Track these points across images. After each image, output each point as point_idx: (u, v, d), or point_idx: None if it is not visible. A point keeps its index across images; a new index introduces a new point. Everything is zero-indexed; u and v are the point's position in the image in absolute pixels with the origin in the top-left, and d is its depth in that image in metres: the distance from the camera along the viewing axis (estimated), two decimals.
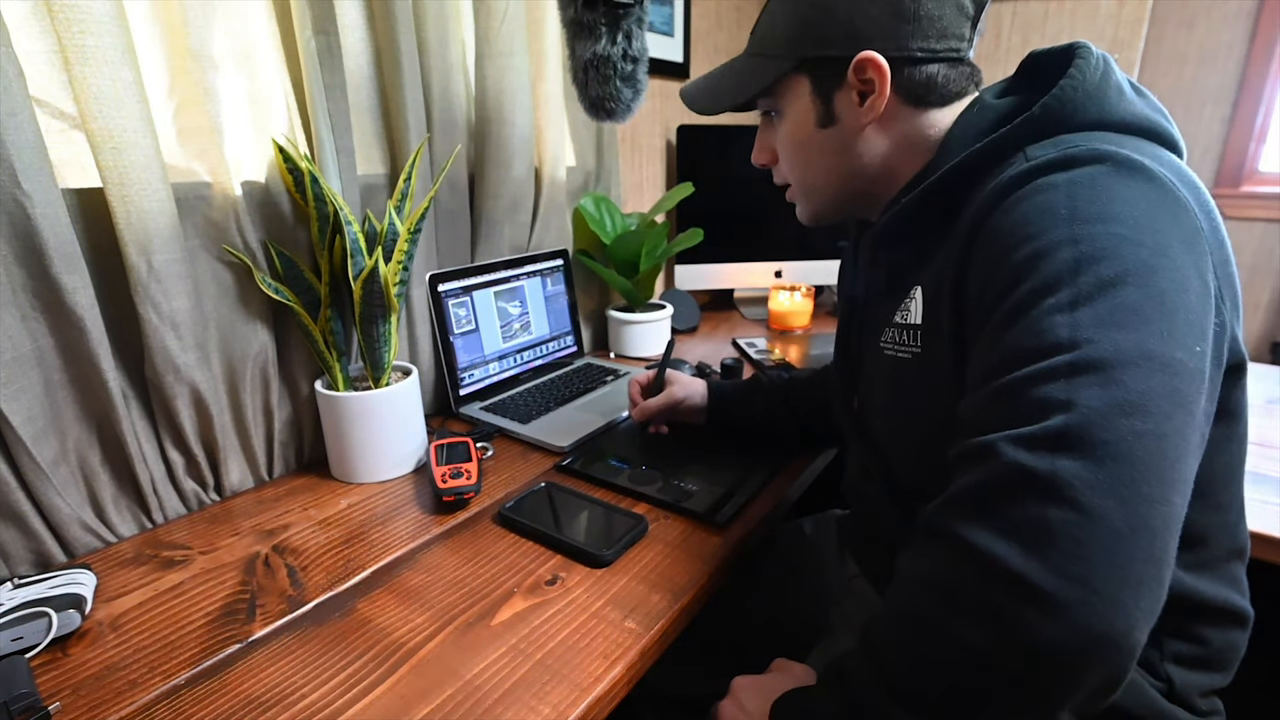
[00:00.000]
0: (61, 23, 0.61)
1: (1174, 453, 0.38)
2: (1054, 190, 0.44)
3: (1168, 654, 0.53)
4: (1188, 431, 0.39)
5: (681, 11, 1.52)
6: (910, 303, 0.58)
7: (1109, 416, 0.37)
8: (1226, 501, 0.53)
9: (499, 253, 1.13)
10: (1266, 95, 1.74)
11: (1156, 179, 0.44)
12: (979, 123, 0.55)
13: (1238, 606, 0.54)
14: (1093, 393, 0.38)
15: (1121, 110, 0.50)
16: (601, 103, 0.94)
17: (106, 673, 0.55)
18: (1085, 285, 0.41)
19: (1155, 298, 0.40)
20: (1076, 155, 0.45)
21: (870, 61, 0.55)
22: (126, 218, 0.67)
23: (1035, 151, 0.49)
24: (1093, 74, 0.50)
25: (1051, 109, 0.49)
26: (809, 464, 0.89)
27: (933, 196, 0.55)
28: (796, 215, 0.70)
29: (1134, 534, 0.36)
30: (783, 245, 1.64)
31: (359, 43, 0.89)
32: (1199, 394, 0.40)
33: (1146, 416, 0.37)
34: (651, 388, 0.93)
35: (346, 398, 0.82)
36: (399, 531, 0.74)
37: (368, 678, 0.54)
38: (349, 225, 0.79)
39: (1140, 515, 0.36)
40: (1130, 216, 0.42)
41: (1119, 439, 0.37)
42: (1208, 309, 0.42)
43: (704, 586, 0.65)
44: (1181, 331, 0.40)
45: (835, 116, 0.60)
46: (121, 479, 0.73)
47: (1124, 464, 0.36)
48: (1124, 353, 0.39)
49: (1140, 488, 0.36)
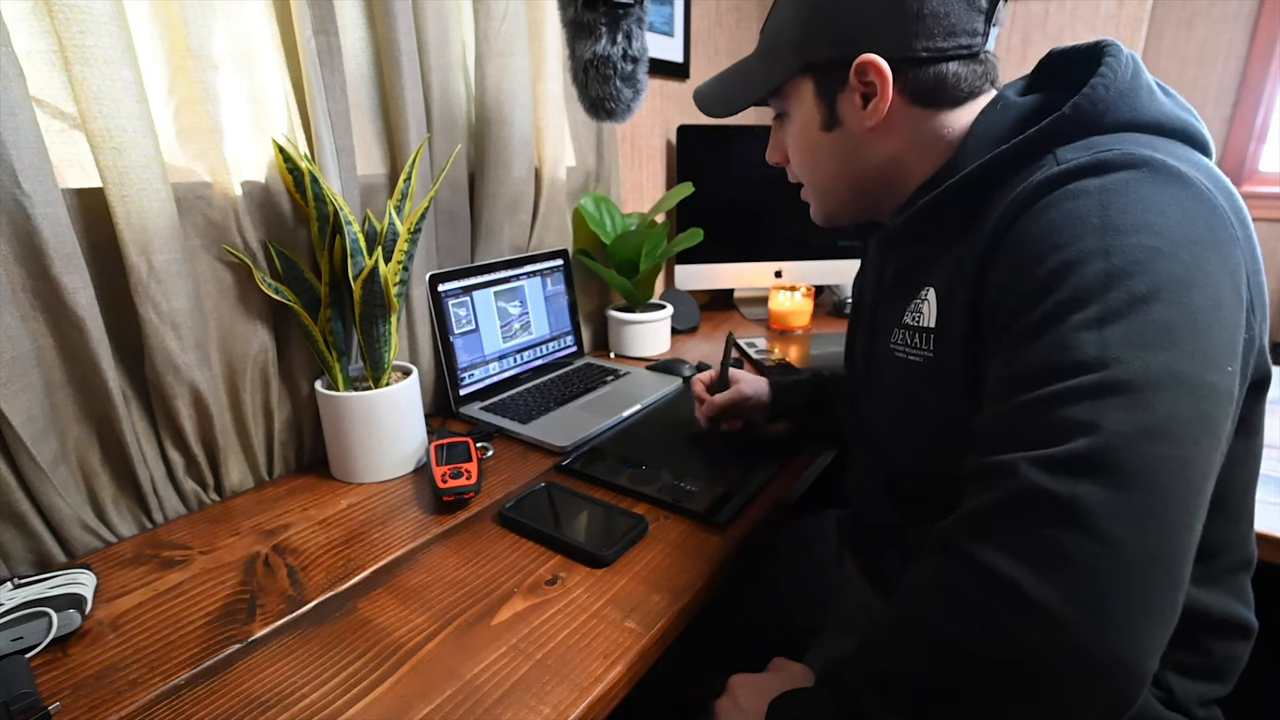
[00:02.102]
0: (61, 22, 0.61)
1: (1198, 480, 0.37)
2: (1086, 197, 0.42)
3: (1169, 663, 0.52)
4: (1214, 456, 0.38)
5: (681, 11, 1.52)
6: (922, 305, 0.56)
7: (1134, 441, 0.36)
8: (1238, 514, 0.52)
9: (499, 253, 1.13)
10: (1267, 95, 1.73)
11: (1193, 185, 0.42)
12: (1002, 121, 0.53)
13: (1242, 618, 0.54)
14: (1119, 416, 0.37)
15: (1154, 111, 0.48)
16: (601, 103, 0.94)
17: (106, 673, 0.55)
18: (1116, 301, 0.39)
19: (1188, 315, 0.38)
20: (1110, 160, 0.43)
21: (870, 64, 0.54)
22: (126, 218, 0.67)
23: (1066, 154, 0.46)
24: (1124, 73, 0.48)
25: (1083, 109, 0.47)
26: (809, 464, 0.89)
27: (954, 198, 0.53)
28: (811, 215, 0.69)
29: (1153, 563, 0.35)
30: (783, 245, 1.64)
31: (359, 42, 0.89)
32: (1227, 416, 0.39)
33: (1174, 443, 0.36)
34: (717, 385, 0.92)
35: (346, 398, 0.82)
36: (399, 531, 0.74)
37: (368, 678, 0.54)
38: (349, 225, 0.79)
39: (1160, 544, 0.35)
40: (1165, 227, 0.40)
41: (1144, 466, 0.36)
42: (1239, 324, 0.41)
43: (704, 586, 0.65)
44: (1215, 351, 0.39)
45: (839, 119, 0.59)
46: (121, 479, 0.73)
47: (1147, 492, 0.35)
48: (1153, 375, 0.37)
49: (1162, 517, 0.35)
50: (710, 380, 0.94)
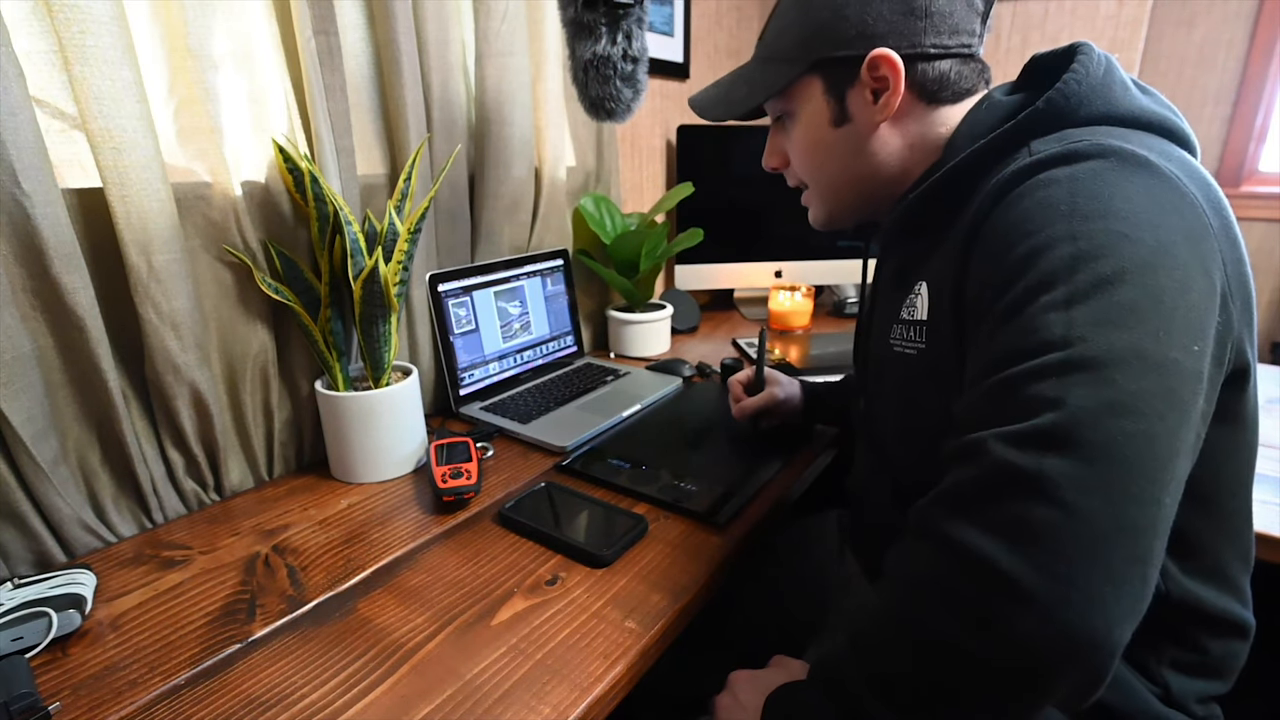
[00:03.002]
0: (61, 22, 0.61)
1: (1165, 453, 0.38)
2: (1055, 186, 0.44)
3: (1164, 659, 0.53)
4: (1181, 432, 0.39)
5: (681, 11, 1.52)
6: (916, 299, 0.58)
7: (1099, 416, 0.37)
8: (1233, 510, 0.53)
9: (499, 253, 1.13)
10: (1267, 95, 1.74)
11: (1160, 173, 0.43)
12: (987, 119, 0.55)
13: (1239, 617, 0.54)
14: (1084, 391, 0.38)
15: (1128, 104, 0.50)
16: (601, 103, 0.94)
17: (106, 673, 0.55)
18: (1081, 283, 0.40)
19: (1153, 296, 0.40)
20: (1079, 150, 0.45)
21: (884, 59, 0.55)
22: (126, 217, 0.67)
23: (1039, 146, 0.48)
24: (1096, 69, 0.50)
25: (1056, 103, 0.49)
26: (809, 464, 0.89)
27: (938, 191, 0.55)
28: (809, 219, 0.70)
29: (1119, 533, 0.36)
30: (783, 245, 1.64)
31: (359, 43, 0.89)
32: (1195, 395, 0.40)
33: (1138, 417, 0.37)
34: (752, 386, 0.93)
35: (346, 398, 0.82)
36: (399, 531, 0.74)
37: (368, 678, 0.54)
38: (349, 225, 0.79)
39: (1127, 515, 0.36)
40: (1132, 212, 0.42)
41: (1108, 439, 0.37)
42: (1211, 308, 0.42)
43: (704, 586, 0.65)
44: (1180, 330, 0.40)
45: (849, 115, 0.59)
46: (121, 479, 0.73)
47: (1112, 464, 0.36)
48: (1117, 352, 0.38)
49: (1128, 488, 0.36)
50: (747, 380, 0.94)
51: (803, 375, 1.17)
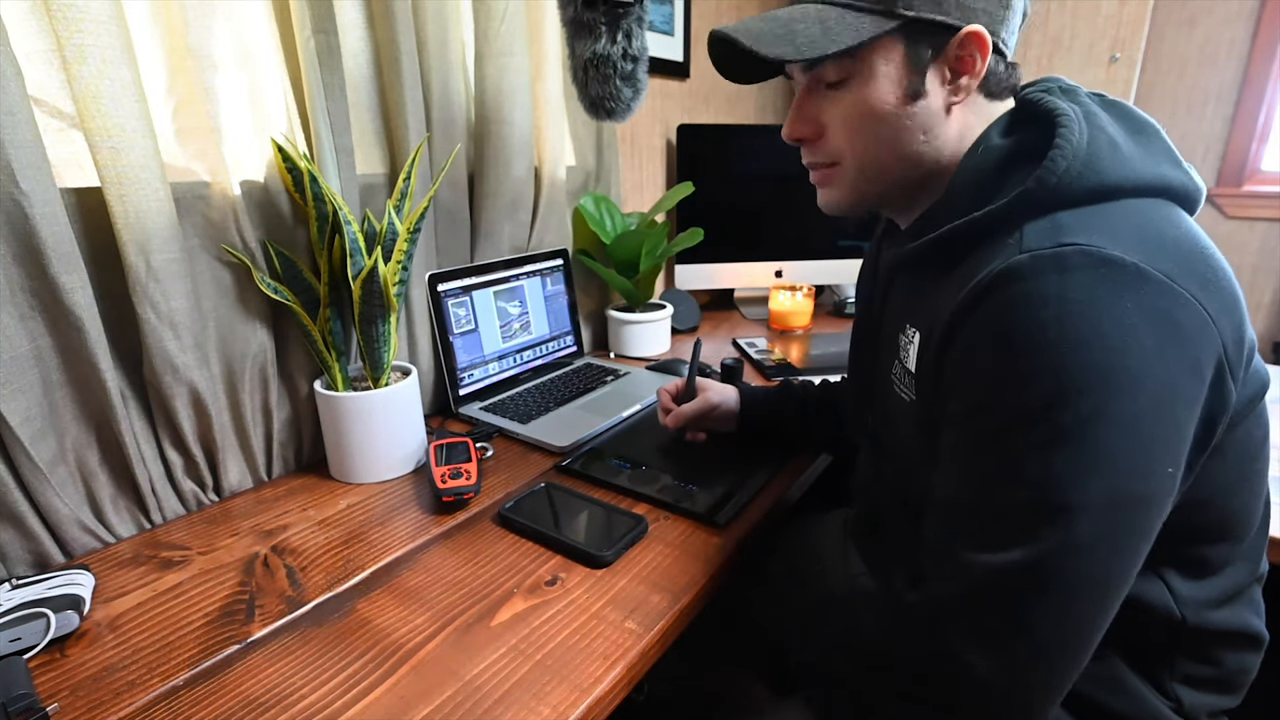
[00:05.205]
0: (60, 22, 0.60)
1: (1116, 583, 0.45)
2: (1045, 308, 0.43)
3: (1177, 674, 0.54)
4: (1136, 557, 0.45)
5: (681, 11, 1.52)
6: (910, 346, 0.57)
7: (1060, 558, 0.43)
8: (1243, 533, 0.53)
9: (499, 252, 1.13)
10: (1268, 95, 1.73)
11: (1152, 281, 0.42)
12: (982, 165, 0.53)
13: (1254, 630, 0.55)
14: (1052, 534, 0.43)
15: (1120, 172, 0.47)
16: (601, 102, 0.94)
17: (105, 673, 0.55)
18: (1063, 423, 0.42)
19: (1130, 429, 0.42)
20: (1070, 260, 0.43)
21: (978, 37, 0.50)
22: (125, 217, 0.66)
23: (1031, 236, 0.46)
24: (1079, 140, 0.47)
25: (1045, 182, 0.47)
26: (809, 464, 0.89)
27: (935, 250, 0.54)
28: (820, 202, 0.62)
29: (1063, 649, 0.45)
30: (783, 245, 1.63)
31: (358, 42, 0.89)
32: (1162, 511, 0.45)
33: (1095, 558, 0.44)
34: (683, 395, 0.90)
35: (346, 398, 0.82)
36: (398, 532, 0.74)
37: (367, 678, 0.54)
38: (348, 225, 0.78)
39: (1071, 636, 0.45)
40: (1120, 337, 0.41)
41: (1065, 576, 0.44)
42: (1192, 415, 0.44)
43: (704, 587, 0.65)
44: (1158, 457, 0.43)
45: (923, 90, 0.53)
46: (120, 479, 0.73)
47: (1066, 597, 0.44)
48: (1089, 500, 0.42)
49: (1077, 616, 0.45)
50: (676, 390, 0.91)
51: (803, 375, 1.17)
